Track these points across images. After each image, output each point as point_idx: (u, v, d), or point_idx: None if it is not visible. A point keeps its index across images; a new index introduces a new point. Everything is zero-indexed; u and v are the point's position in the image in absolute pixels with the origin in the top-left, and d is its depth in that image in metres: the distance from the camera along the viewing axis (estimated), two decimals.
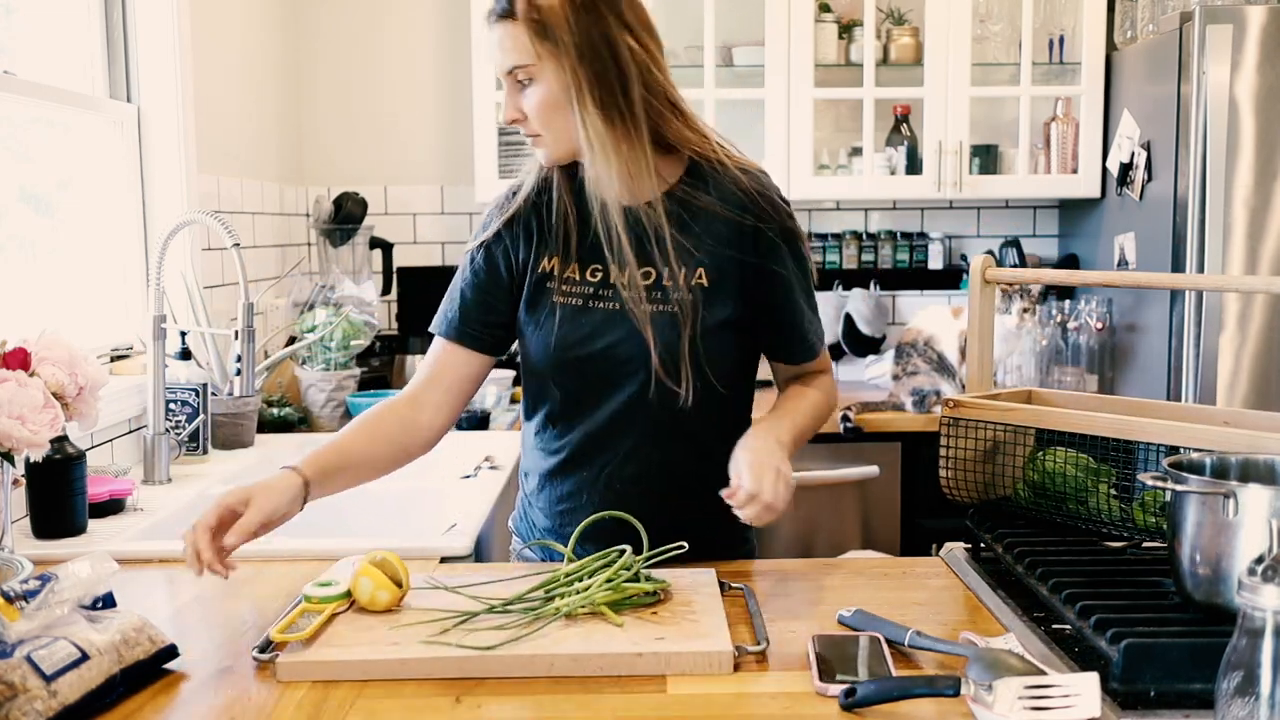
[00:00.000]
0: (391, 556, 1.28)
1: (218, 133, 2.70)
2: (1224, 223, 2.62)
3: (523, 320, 1.54)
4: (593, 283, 1.50)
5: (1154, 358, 2.86)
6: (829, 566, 1.55)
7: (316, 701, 1.07)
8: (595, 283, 1.50)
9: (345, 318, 2.82)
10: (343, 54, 3.39)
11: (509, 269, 1.54)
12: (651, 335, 1.45)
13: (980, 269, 1.56)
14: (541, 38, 1.38)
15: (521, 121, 1.45)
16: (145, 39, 2.42)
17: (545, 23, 1.38)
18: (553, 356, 1.50)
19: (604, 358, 1.48)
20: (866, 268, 3.43)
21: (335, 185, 3.39)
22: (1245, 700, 0.81)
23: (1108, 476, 1.40)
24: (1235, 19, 2.61)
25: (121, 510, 1.82)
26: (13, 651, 1.01)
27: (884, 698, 1.03)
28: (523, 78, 1.42)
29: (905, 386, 2.85)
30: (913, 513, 2.86)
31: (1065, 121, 3.21)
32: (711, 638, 1.16)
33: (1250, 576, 0.81)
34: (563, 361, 1.50)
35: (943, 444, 1.49)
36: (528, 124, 1.44)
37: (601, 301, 1.50)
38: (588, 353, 1.48)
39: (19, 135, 2.15)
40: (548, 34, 1.38)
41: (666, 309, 1.47)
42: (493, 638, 1.16)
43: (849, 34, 3.23)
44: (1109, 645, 1.05)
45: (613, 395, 1.50)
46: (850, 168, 3.31)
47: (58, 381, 1.49)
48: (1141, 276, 2.41)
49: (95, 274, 2.37)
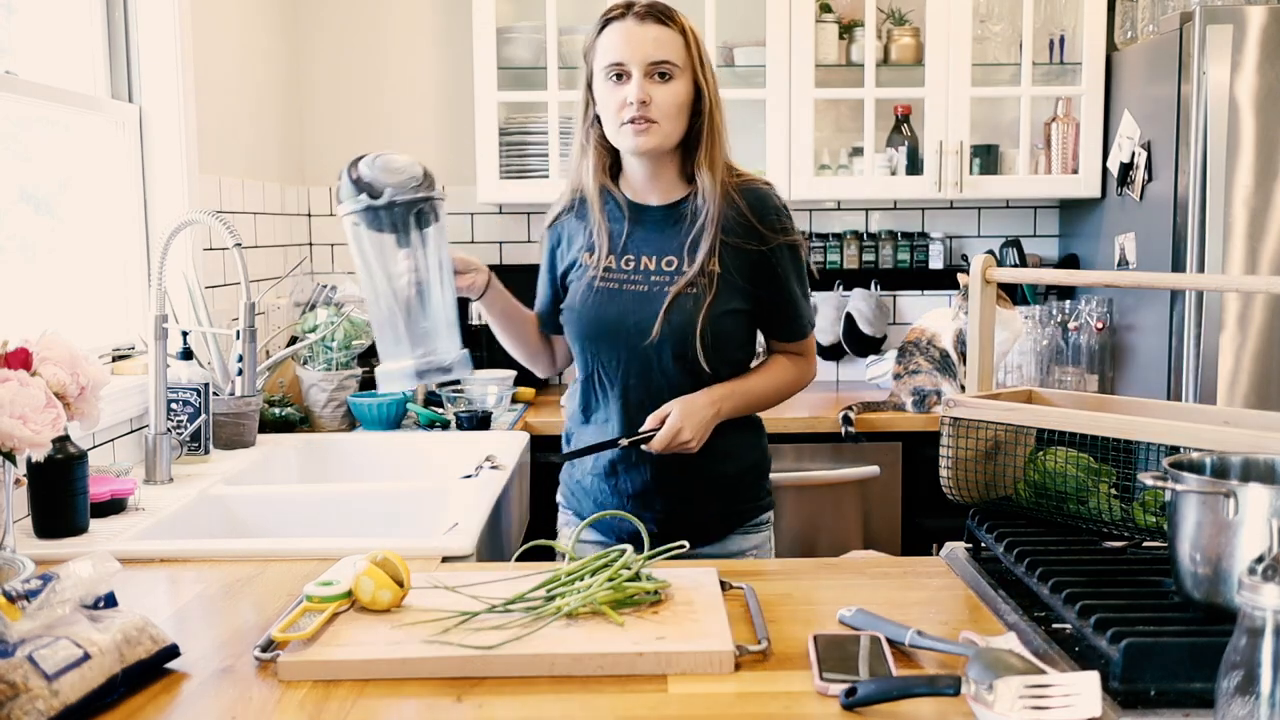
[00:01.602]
0: (393, 556, 1.28)
1: (219, 133, 2.70)
2: (1224, 223, 2.62)
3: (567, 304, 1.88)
4: (627, 270, 1.82)
5: (1154, 358, 2.86)
6: (829, 566, 1.55)
7: (318, 701, 1.07)
8: (629, 270, 1.82)
9: (347, 318, 2.82)
10: (343, 54, 3.39)
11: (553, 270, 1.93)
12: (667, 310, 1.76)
13: (981, 269, 1.57)
14: (691, 50, 1.75)
15: (648, 105, 1.71)
16: (147, 39, 2.43)
17: (696, 41, 1.77)
18: (591, 330, 1.82)
19: (635, 329, 1.78)
20: (867, 268, 3.43)
21: (335, 185, 3.39)
22: (1245, 700, 0.81)
23: (1108, 476, 1.40)
24: (1235, 19, 2.61)
25: (123, 510, 1.82)
26: (14, 651, 1.01)
27: (884, 697, 1.03)
28: (665, 72, 1.72)
29: (906, 386, 2.85)
30: (913, 513, 2.86)
31: (1065, 121, 3.21)
32: (712, 637, 1.16)
33: (1250, 576, 0.82)
34: (599, 334, 1.82)
35: (943, 444, 1.49)
36: (650, 109, 1.72)
37: (633, 285, 1.81)
38: (619, 326, 1.79)
39: (20, 135, 2.15)
40: (695, 50, 1.76)
41: (687, 290, 1.77)
42: (494, 637, 1.16)
43: (850, 34, 3.23)
44: (1109, 645, 1.05)
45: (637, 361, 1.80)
46: (851, 168, 3.31)
47: (59, 381, 1.49)
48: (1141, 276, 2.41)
49: (97, 274, 2.37)
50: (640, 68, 1.71)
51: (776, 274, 1.82)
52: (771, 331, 1.90)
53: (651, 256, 1.81)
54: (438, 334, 1.63)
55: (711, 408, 1.77)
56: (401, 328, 1.61)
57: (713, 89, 1.78)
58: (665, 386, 1.79)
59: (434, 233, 1.60)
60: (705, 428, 1.76)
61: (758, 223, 1.78)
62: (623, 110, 1.73)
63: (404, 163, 1.62)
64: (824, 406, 2.94)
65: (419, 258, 1.60)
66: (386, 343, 1.64)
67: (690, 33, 1.76)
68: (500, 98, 3.11)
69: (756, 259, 1.80)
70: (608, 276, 1.82)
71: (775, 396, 1.88)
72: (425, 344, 1.62)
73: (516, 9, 3.28)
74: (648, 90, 1.71)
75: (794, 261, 1.84)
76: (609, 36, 1.75)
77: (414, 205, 1.59)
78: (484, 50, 3.08)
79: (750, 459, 1.90)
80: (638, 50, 1.72)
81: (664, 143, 1.75)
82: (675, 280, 1.78)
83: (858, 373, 3.43)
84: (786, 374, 1.89)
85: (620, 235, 1.83)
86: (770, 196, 1.82)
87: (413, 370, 1.60)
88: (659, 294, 1.78)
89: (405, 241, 1.60)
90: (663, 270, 1.80)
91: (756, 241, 1.79)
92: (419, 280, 1.60)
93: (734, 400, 1.81)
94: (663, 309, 1.76)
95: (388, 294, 1.60)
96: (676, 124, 1.75)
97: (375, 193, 1.59)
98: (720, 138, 1.79)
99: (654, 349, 1.77)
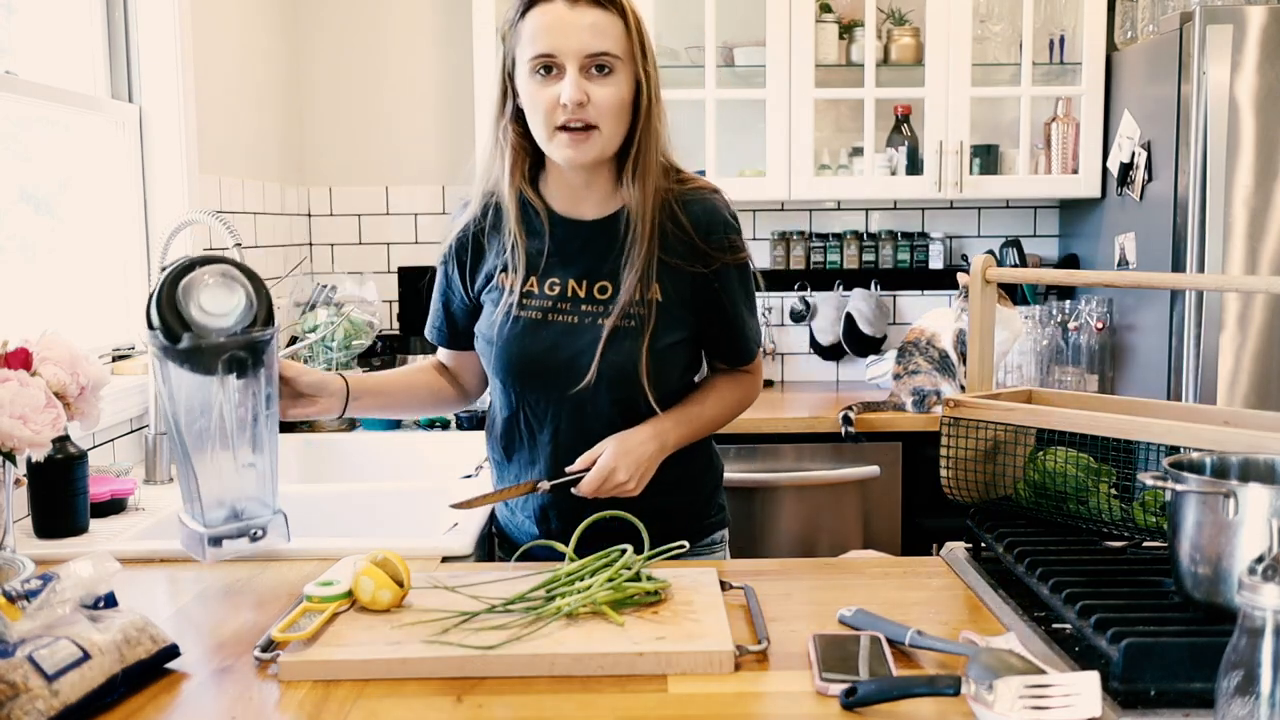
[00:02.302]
0: (393, 556, 1.28)
1: (219, 133, 2.70)
2: (1224, 223, 2.62)
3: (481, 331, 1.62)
4: (551, 296, 1.56)
5: (1154, 358, 2.86)
6: (829, 566, 1.55)
7: (318, 701, 1.07)
8: (554, 296, 1.56)
9: (346, 317, 2.82)
10: (343, 54, 3.39)
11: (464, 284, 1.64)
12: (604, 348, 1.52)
13: (981, 269, 1.57)
14: (635, 38, 1.46)
15: (585, 107, 1.44)
16: (147, 39, 2.43)
17: (637, 24, 1.47)
18: (515, 367, 1.56)
19: (567, 368, 1.53)
20: (867, 268, 3.43)
21: (335, 185, 3.40)
22: (1245, 700, 0.81)
23: (1108, 476, 1.40)
24: (1235, 19, 2.61)
25: (123, 510, 1.82)
26: (14, 651, 1.01)
27: (884, 697, 1.03)
28: (604, 65, 1.44)
29: (906, 386, 2.86)
30: (913, 513, 2.86)
31: (1065, 121, 3.21)
32: (712, 637, 1.16)
33: (1250, 576, 0.81)
34: (524, 372, 1.56)
35: (943, 444, 1.49)
36: (588, 112, 1.44)
37: (560, 315, 1.55)
38: (547, 364, 1.54)
39: (20, 135, 2.15)
40: (640, 37, 1.47)
41: (623, 324, 1.52)
42: (494, 637, 1.16)
43: (849, 34, 3.23)
44: (1109, 645, 1.05)
45: (570, 402, 1.56)
46: (851, 168, 3.31)
47: (59, 381, 1.49)
48: (1141, 276, 2.41)
49: (97, 274, 2.37)
50: (575, 61, 1.43)
51: (722, 299, 1.58)
52: (717, 355, 1.67)
53: (580, 281, 1.55)
54: (244, 491, 1.37)
55: (652, 442, 1.54)
56: (195, 482, 1.34)
57: (654, 83, 1.49)
58: (601, 428, 1.55)
59: (255, 377, 1.34)
60: (645, 466, 1.52)
61: (702, 241, 1.54)
62: (555, 113, 1.45)
63: (228, 300, 1.32)
64: (824, 406, 2.94)
65: (230, 400, 1.33)
66: (183, 492, 1.38)
67: (631, 14, 1.47)
68: None
69: (699, 282, 1.56)
70: (528, 304, 1.55)
71: (724, 419, 1.66)
72: (228, 504, 1.36)
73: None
74: (584, 89, 1.43)
75: (742, 282, 1.60)
76: (536, 19, 1.44)
77: (224, 351, 1.31)
78: (484, 50, 3.08)
79: (701, 482, 1.70)
80: (572, 39, 1.42)
81: (605, 150, 1.49)
82: (609, 311, 1.52)
83: (858, 373, 3.43)
84: (734, 394, 1.67)
85: (541, 254, 1.55)
86: (718, 210, 1.57)
87: (205, 537, 1.34)
88: (591, 327, 1.53)
89: (217, 383, 1.33)
90: (594, 298, 1.54)
91: (700, 263, 1.55)
92: (226, 423, 1.33)
93: (680, 430, 1.58)
94: (599, 348, 1.51)
95: (187, 434, 1.33)
96: (618, 127, 1.48)
97: (176, 334, 1.29)
98: (656, 141, 1.51)
99: (588, 392, 1.52)
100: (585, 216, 1.56)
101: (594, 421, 1.55)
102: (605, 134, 1.47)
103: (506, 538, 1.74)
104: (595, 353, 1.51)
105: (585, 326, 1.53)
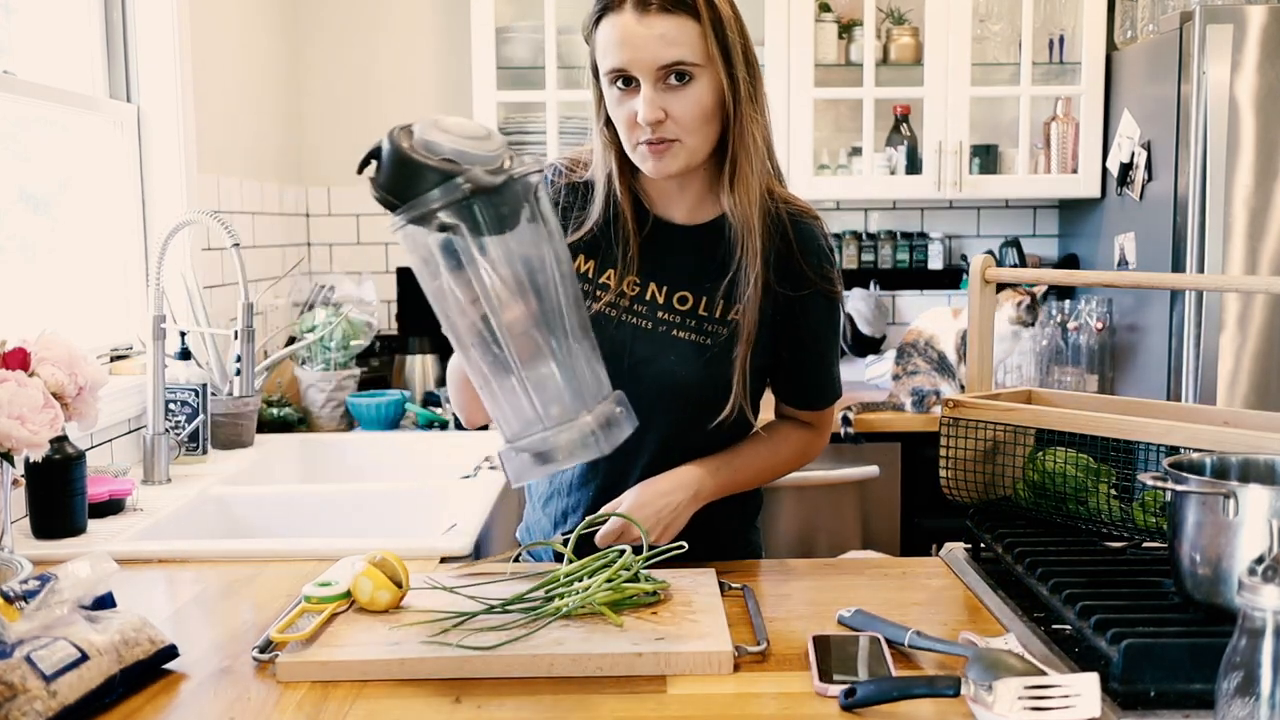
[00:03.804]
0: (391, 556, 1.28)
1: (218, 133, 2.70)
2: (1224, 223, 2.62)
3: None
4: (630, 295, 1.48)
5: (1154, 358, 2.86)
6: (829, 566, 1.55)
7: (316, 701, 1.07)
8: (632, 296, 1.48)
9: (345, 318, 2.82)
10: (343, 54, 3.39)
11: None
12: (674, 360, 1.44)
13: (980, 269, 1.56)
14: (716, 40, 1.34)
15: (662, 123, 1.35)
16: (145, 39, 2.42)
17: (723, 25, 1.35)
18: None
19: (629, 374, 1.40)
20: (866, 268, 3.43)
21: (334, 185, 3.40)
22: (1245, 700, 0.81)
23: (1108, 476, 1.40)
24: (1235, 19, 2.61)
25: (121, 510, 1.82)
26: (12, 652, 1.01)
27: (884, 698, 1.03)
28: (681, 73, 1.34)
29: (905, 386, 2.86)
30: (913, 513, 2.86)
31: (1065, 121, 3.21)
32: (711, 638, 1.16)
33: (1250, 576, 0.81)
34: None
35: (943, 444, 1.49)
36: (666, 128, 1.35)
37: (633, 317, 1.47)
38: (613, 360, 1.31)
39: (19, 135, 2.15)
40: (721, 39, 1.34)
41: (699, 339, 1.45)
42: (493, 638, 1.16)
43: (849, 34, 3.23)
44: (1109, 645, 1.05)
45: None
46: (850, 168, 3.31)
47: (57, 381, 1.49)
48: (1141, 276, 2.41)
49: (95, 274, 2.37)
50: (649, 74, 1.33)
51: (803, 327, 1.49)
52: (788, 395, 1.56)
53: (662, 287, 1.47)
54: (581, 378, 1.14)
55: (680, 492, 1.43)
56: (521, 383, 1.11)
57: (743, 86, 1.37)
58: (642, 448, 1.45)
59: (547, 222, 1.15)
60: (669, 518, 1.41)
61: (799, 262, 1.46)
62: (634, 131, 1.37)
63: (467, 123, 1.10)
64: None
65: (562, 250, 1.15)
66: (504, 408, 1.13)
67: (706, 15, 1.33)
68: (499, 98, 3.11)
69: (785, 305, 1.47)
70: (602, 296, 1.47)
71: (771, 475, 1.54)
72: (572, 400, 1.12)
73: (515, 9, 3.28)
74: (661, 103, 1.34)
75: (829, 315, 1.51)
76: (606, 32, 1.36)
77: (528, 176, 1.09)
78: (483, 50, 3.08)
79: (740, 509, 1.59)
80: (643, 52, 1.33)
81: (691, 160, 1.39)
82: (686, 323, 1.45)
83: (857, 373, 3.43)
84: (790, 446, 1.55)
85: (627, 250, 1.47)
86: (819, 235, 1.49)
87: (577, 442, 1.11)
88: (664, 336, 1.45)
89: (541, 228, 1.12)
90: (673, 307, 1.46)
91: (789, 285, 1.46)
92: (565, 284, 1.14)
93: (719, 479, 1.47)
94: (669, 359, 1.44)
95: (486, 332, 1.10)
96: (704, 135, 1.38)
97: (470, 175, 1.04)
98: (753, 146, 1.40)
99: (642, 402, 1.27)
100: (677, 220, 1.49)
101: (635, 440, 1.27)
102: (689, 145, 1.38)
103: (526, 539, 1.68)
104: (661, 363, 1.44)
105: (657, 335, 1.46)
